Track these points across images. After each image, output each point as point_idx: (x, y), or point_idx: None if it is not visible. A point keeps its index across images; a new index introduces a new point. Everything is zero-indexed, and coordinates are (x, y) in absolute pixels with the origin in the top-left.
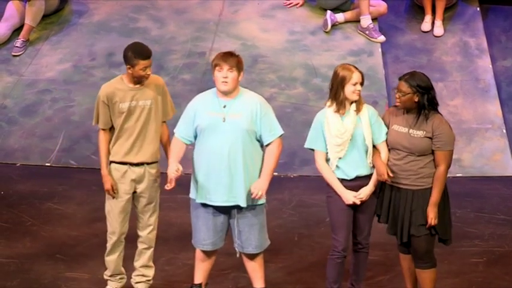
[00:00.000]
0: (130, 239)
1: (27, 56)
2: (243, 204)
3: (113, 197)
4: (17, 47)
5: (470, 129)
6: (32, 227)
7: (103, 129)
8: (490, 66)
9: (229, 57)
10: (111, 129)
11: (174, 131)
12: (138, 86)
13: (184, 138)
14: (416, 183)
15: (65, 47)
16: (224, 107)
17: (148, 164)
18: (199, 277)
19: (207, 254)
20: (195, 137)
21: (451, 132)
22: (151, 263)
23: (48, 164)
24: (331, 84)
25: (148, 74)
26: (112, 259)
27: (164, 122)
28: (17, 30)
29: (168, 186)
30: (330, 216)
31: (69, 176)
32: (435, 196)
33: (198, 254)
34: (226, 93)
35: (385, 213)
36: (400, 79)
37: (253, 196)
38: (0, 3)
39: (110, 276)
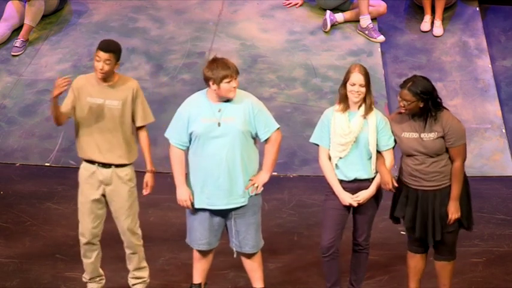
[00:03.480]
0: (121, 240)
1: (27, 56)
2: (245, 203)
3: (81, 196)
4: (16, 47)
5: (469, 129)
6: (31, 227)
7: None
8: (490, 66)
9: (230, 64)
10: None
11: (167, 136)
12: (108, 84)
13: (180, 144)
14: (442, 182)
15: (65, 47)
16: (219, 111)
17: (116, 166)
18: (198, 277)
19: (203, 253)
20: (190, 141)
21: (461, 126)
22: (144, 264)
23: (48, 164)
24: None
25: (101, 69)
26: (87, 262)
27: (143, 127)
28: (16, 30)
29: (145, 192)
30: (322, 215)
31: (69, 176)
32: (456, 191)
33: (195, 254)
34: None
35: (409, 217)
36: (402, 87)
37: (248, 187)
38: (0, 3)
39: (89, 279)
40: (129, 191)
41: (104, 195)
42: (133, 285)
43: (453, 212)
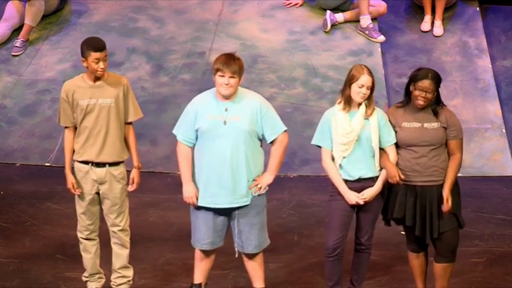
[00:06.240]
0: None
1: (27, 56)
2: (247, 202)
3: (78, 196)
4: (16, 47)
5: (469, 129)
6: (31, 227)
7: (66, 127)
8: (490, 66)
9: (232, 63)
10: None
11: (175, 133)
12: (98, 83)
13: (187, 141)
14: (441, 178)
15: (65, 47)
16: (226, 109)
17: (110, 164)
18: (198, 277)
19: (206, 253)
20: (197, 139)
21: (460, 122)
22: (129, 263)
23: (48, 164)
24: (344, 80)
25: (102, 68)
26: (87, 257)
27: (130, 123)
28: (16, 30)
29: (131, 188)
30: (328, 215)
31: None
32: (451, 182)
33: (197, 254)
34: (227, 97)
35: (410, 215)
36: (422, 78)
37: (251, 187)
38: (0, 3)
39: (88, 276)
40: (121, 189)
41: (97, 193)
42: (119, 285)
43: (450, 205)
